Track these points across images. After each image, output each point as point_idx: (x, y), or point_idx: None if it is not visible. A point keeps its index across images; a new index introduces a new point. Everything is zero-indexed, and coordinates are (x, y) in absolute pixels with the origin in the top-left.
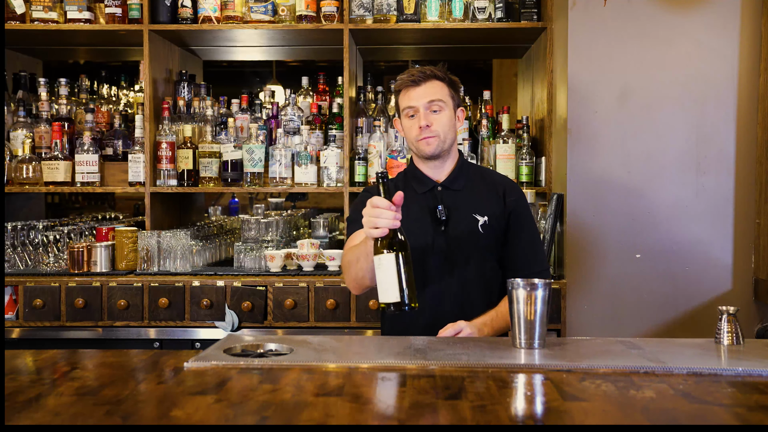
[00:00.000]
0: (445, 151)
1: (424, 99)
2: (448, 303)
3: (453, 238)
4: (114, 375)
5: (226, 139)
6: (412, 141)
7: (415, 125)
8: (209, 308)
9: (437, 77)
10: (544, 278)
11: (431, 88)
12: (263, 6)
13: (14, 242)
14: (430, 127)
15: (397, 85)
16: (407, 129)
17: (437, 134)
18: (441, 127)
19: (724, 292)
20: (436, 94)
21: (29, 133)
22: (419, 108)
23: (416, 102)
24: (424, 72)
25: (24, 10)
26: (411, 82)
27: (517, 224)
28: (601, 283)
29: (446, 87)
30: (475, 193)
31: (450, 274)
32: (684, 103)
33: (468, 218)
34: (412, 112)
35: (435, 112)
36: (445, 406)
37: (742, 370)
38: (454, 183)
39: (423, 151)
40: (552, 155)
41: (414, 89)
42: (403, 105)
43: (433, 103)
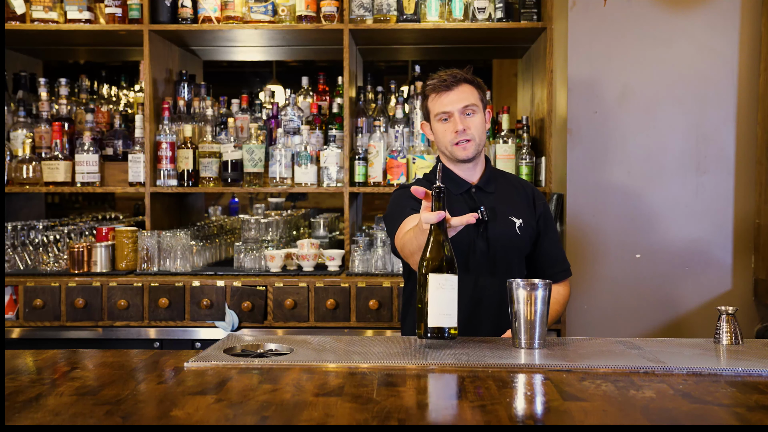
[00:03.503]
0: (478, 154)
1: (459, 104)
2: (486, 306)
3: (493, 240)
4: (114, 375)
5: (226, 139)
6: (447, 145)
7: (449, 129)
8: (209, 308)
9: (468, 81)
10: (567, 276)
11: (464, 93)
12: (263, 6)
13: (14, 242)
14: (466, 131)
15: (428, 90)
16: (440, 133)
17: (473, 138)
18: (476, 131)
19: (724, 292)
20: (469, 98)
21: (29, 133)
22: (454, 113)
23: (450, 107)
24: (455, 76)
25: (24, 10)
26: (443, 86)
27: (546, 227)
28: (601, 283)
29: (476, 90)
30: (508, 197)
31: (490, 275)
32: (684, 103)
33: (506, 220)
34: (445, 116)
35: (469, 115)
36: (445, 406)
37: (741, 370)
38: (488, 185)
39: (459, 156)
40: (552, 155)
41: (446, 94)
42: (436, 110)
43: (467, 108)
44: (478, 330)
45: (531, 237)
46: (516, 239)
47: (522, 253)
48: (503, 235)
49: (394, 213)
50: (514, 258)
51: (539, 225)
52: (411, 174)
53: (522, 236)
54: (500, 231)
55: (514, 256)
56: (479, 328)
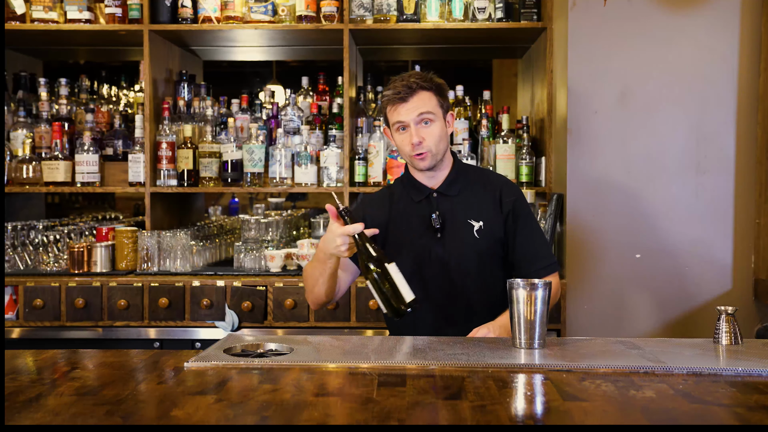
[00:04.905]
0: (439, 161)
1: (413, 113)
2: (450, 310)
3: (449, 245)
4: (114, 375)
5: (226, 139)
6: (406, 155)
7: (407, 141)
8: (209, 308)
9: (423, 88)
10: (551, 272)
11: (419, 101)
12: (263, 6)
13: (14, 242)
14: (422, 143)
15: (385, 102)
16: (399, 143)
17: (429, 149)
18: (432, 141)
19: (724, 292)
20: (424, 106)
21: (29, 133)
22: (409, 123)
23: (405, 117)
24: (409, 86)
25: (24, 10)
26: (398, 99)
27: (517, 224)
28: (601, 283)
29: (434, 96)
30: (471, 198)
31: (449, 281)
32: (684, 103)
33: (463, 224)
34: (402, 126)
35: (426, 124)
36: (445, 406)
37: (741, 370)
38: (450, 189)
39: (418, 166)
40: (552, 155)
41: (402, 105)
42: (393, 120)
43: (422, 116)
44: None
45: (495, 238)
46: (473, 243)
47: (483, 255)
48: (458, 240)
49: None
50: (473, 262)
51: (507, 223)
52: None
53: (481, 239)
54: (456, 236)
55: (473, 260)
56: (446, 332)
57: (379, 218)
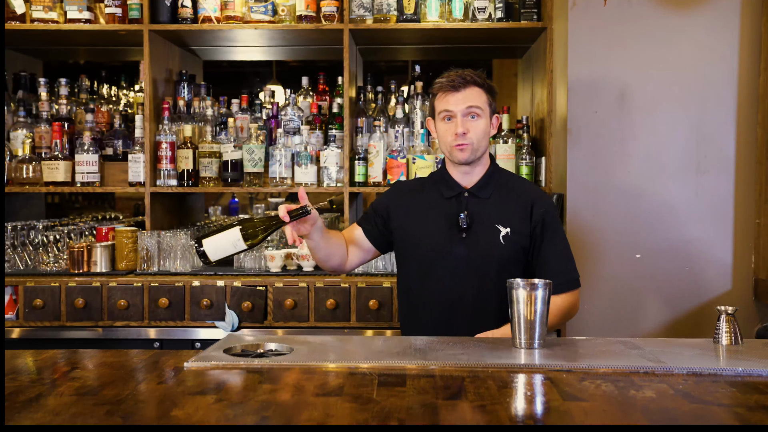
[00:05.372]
0: (477, 159)
1: (463, 105)
2: (461, 310)
3: (472, 247)
4: (114, 375)
5: (226, 139)
6: (446, 145)
7: (450, 130)
8: (209, 308)
9: (477, 83)
10: (570, 289)
11: (470, 94)
12: (263, 6)
13: (14, 242)
14: (466, 134)
15: (435, 88)
16: (442, 132)
17: (471, 142)
18: (476, 135)
19: (724, 292)
20: (474, 100)
21: (29, 133)
22: (456, 113)
23: (454, 107)
24: (464, 77)
25: (24, 10)
26: (450, 87)
27: (544, 236)
28: (601, 283)
29: (485, 94)
30: (502, 203)
31: (465, 282)
32: (684, 103)
33: (490, 228)
34: (448, 116)
35: (472, 118)
36: (445, 406)
37: (741, 370)
38: (482, 191)
39: (456, 158)
40: (552, 155)
41: (452, 94)
42: (440, 108)
43: (471, 110)
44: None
45: (521, 246)
46: (497, 247)
47: (504, 261)
48: (483, 243)
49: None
50: (494, 266)
51: (534, 234)
52: (411, 174)
53: (506, 245)
54: (481, 239)
55: (494, 264)
56: (454, 332)
57: (404, 206)
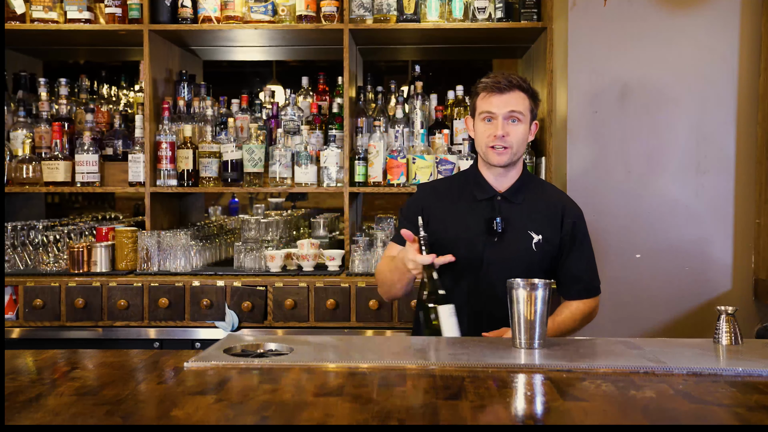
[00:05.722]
0: (513, 163)
1: (505, 108)
2: (489, 313)
3: (505, 252)
4: (114, 375)
5: (226, 139)
6: (483, 146)
7: (490, 131)
8: (209, 308)
9: (522, 88)
10: (591, 295)
11: (514, 98)
12: (263, 6)
13: (14, 242)
14: (505, 137)
15: (480, 88)
16: (480, 132)
17: (510, 146)
18: (516, 140)
19: (724, 292)
20: (518, 104)
21: (29, 133)
22: (498, 116)
23: (496, 109)
24: (510, 80)
25: (24, 10)
26: (495, 88)
27: (574, 245)
28: (602, 283)
29: (528, 99)
30: (534, 210)
31: (495, 286)
32: (684, 103)
33: (523, 234)
34: (489, 117)
35: (513, 122)
36: (445, 406)
37: (741, 370)
38: (515, 196)
39: (492, 160)
40: (552, 155)
41: (496, 96)
42: (482, 108)
43: (513, 114)
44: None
45: (551, 254)
46: (529, 254)
47: (535, 268)
48: (515, 249)
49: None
50: (524, 272)
51: (563, 242)
52: (411, 174)
53: (537, 252)
54: (514, 245)
55: (524, 270)
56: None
57: (436, 209)
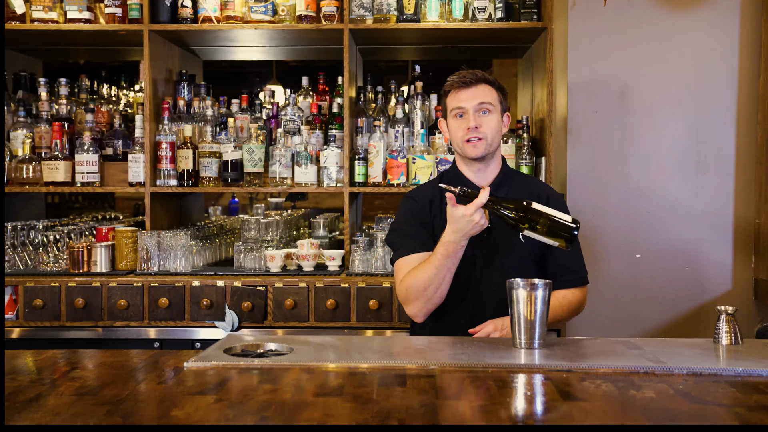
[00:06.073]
0: (490, 155)
1: (474, 101)
2: (488, 310)
3: (494, 247)
4: (114, 375)
5: (226, 139)
6: (459, 142)
7: (462, 126)
8: (209, 308)
9: (488, 81)
10: (578, 285)
11: (481, 91)
12: (263, 6)
13: (14, 242)
14: (478, 128)
15: (447, 86)
16: (454, 129)
17: (485, 136)
18: (489, 130)
19: (724, 292)
20: (486, 96)
21: (29, 133)
22: (468, 109)
23: (465, 103)
24: (475, 74)
25: (24, 10)
26: (461, 83)
27: None
28: (602, 283)
29: (495, 92)
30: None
31: (491, 281)
32: (684, 103)
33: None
34: (460, 112)
35: (484, 113)
36: (445, 406)
37: (741, 370)
38: (498, 190)
39: (469, 153)
40: (552, 155)
41: (464, 90)
42: (452, 105)
43: (482, 105)
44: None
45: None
46: (518, 247)
47: (525, 259)
48: (505, 243)
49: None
50: (515, 266)
51: None
52: (411, 174)
53: (526, 244)
54: (502, 239)
55: (515, 264)
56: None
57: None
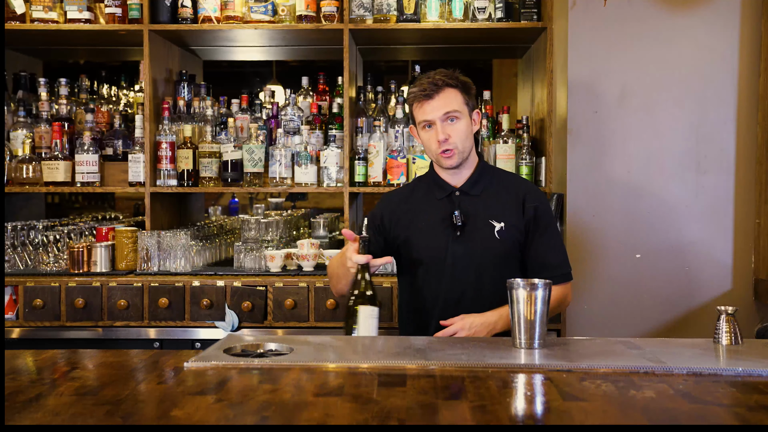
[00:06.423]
0: (465, 159)
1: (439, 111)
2: (462, 307)
3: (469, 244)
4: (114, 375)
5: (226, 139)
6: (433, 153)
7: (433, 138)
8: (209, 308)
9: (449, 85)
10: (562, 282)
11: (445, 99)
12: (263, 6)
13: (14, 242)
14: (448, 140)
15: (410, 98)
16: (426, 141)
17: (455, 146)
18: (459, 138)
19: (724, 292)
20: (450, 104)
21: (29, 133)
22: (435, 121)
23: (431, 115)
24: (435, 83)
25: (24, 10)
26: (423, 96)
27: (538, 230)
28: (602, 283)
29: (460, 93)
30: (494, 199)
31: (466, 280)
32: (684, 103)
33: (485, 224)
34: (428, 124)
35: (451, 122)
36: (445, 406)
37: (741, 370)
38: (473, 188)
39: (444, 165)
40: (552, 155)
41: (428, 102)
42: (419, 118)
43: (448, 114)
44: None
45: (515, 240)
46: (493, 243)
47: (501, 256)
48: (479, 239)
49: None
50: (491, 261)
51: (528, 228)
52: (411, 174)
53: (501, 240)
54: (476, 236)
55: (491, 259)
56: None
57: (397, 216)
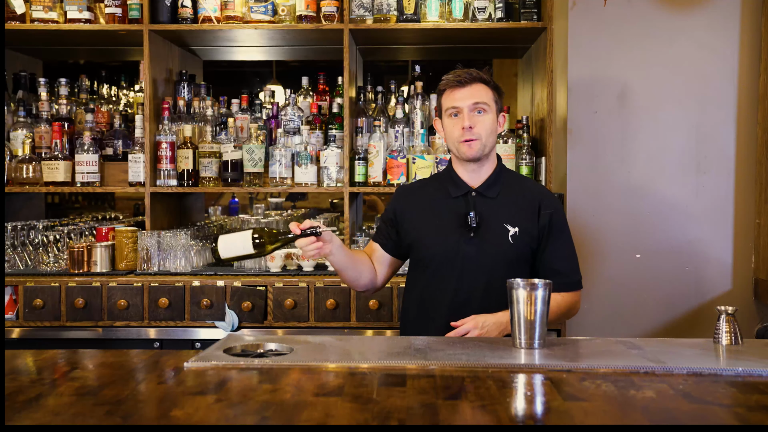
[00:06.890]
0: (485, 156)
1: (469, 100)
2: (469, 308)
3: (481, 246)
4: (114, 375)
5: (226, 139)
6: (454, 142)
7: (457, 126)
8: (209, 308)
9: (483, 80)
10: (572, 289)
11: (476, 90)
12: (263, 6)
13: (14, 242)
14: (473, 129)
15: (442, 85)
16: (449, 129)
17: (479, 137)
18: (483, 130)
19: (724, 292)
20: (481, 96)
21: (29, 133)
22: (463, 109)
23: (460, 103)
24: (470, 74)
25: (24, 10)
26: (456, 82)
27: (552, 237)
28: (602, 283)
29: (491, 91)
30: (510, 203)
31: (475, 281)
32: (684, 103)
33: (499, 228)
34: (455, 112)
35: (479, 113)
36: (445, 406)
37: (741, 370)
38: (489, 190)
39: (464, 154)
40: (552, 155)
41: (459, 90)
42: (447, 105)
43: (477, 105)
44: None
45: (528, 246)
46: (505, 247)
47: (513, 261)
48: (492, 243)
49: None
50: (502, 265)
51: (542, 235)
52: (411, 174)
53: (515, 245)
54: (490, 238)
55: (502, 263)
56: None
57: (411, 210)
